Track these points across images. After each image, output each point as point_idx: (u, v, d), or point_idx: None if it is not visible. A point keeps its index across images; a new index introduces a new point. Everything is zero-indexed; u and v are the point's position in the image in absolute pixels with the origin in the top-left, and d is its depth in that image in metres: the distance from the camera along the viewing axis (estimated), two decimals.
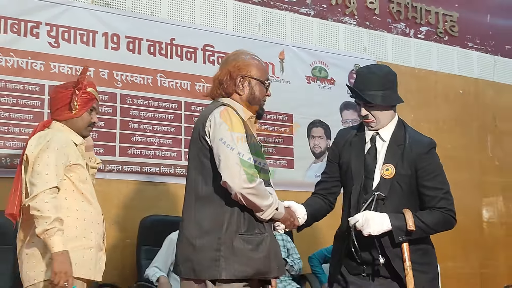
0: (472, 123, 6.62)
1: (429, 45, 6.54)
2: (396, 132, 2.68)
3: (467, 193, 6.38)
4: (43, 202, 2.56)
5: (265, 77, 2.64)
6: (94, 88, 2.99)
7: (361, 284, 2.63)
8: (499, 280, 6.14)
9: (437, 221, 2.57)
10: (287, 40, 5.68)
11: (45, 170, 2.64)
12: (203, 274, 2.39)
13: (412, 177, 2.60)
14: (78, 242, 2.70)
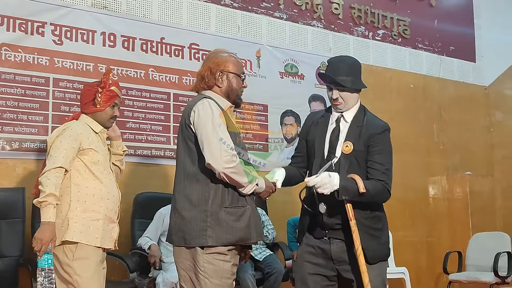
0: (420, 113, 6.59)
1: (385, 46, 6.47)
2: (357, 115, 2.67)
3: (416, 173, 6.40)
4: (46, 178, 2.66)
5: (241, 71, 2.64)
6: (118, 87, 3.07)
7: (323, 247, 2.60)
8: (442, 246, 6.16)
9: (376, 190, 2.51)
10: (263, 40, 5.57)
11: (55, 153, 2.74)
12: (193, 242, 2.40)
13: (366, 153, 2.58)
14: (87, 214, 2.76)
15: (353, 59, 2.77)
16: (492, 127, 7.30)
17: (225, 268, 2.39)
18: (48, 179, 2.67)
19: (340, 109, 2.66)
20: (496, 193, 6.88)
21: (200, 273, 2.36)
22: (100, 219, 2.79)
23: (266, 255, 4.62)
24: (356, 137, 2.59)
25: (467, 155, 6.91)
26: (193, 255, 2.39)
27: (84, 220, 2.76)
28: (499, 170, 7.16)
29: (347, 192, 2.45)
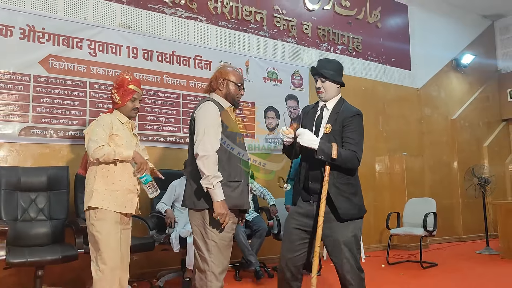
0: (369, 108, 6.57)
1: (343, 58, 6.43)
2: (337, 104, 2.61)
3: (366, 154, 6.29)
4: (96, 153, 2.69)
5: (239, 81, 2.60)
6: (136, 84, 2.94)
7: (308, 209, 2.55)
8: (385, 209, 6.21)
9: (347, 156, 2.44)
10: (250, 53, 5.52)
11: (95, 137, 2.73)
12: (199, 205, 2.41)
13: (341, 132, 2.52)
14: (108, 186, 2.74)
15: (337, 61, 2.69)
16: (422, 119, 7.36)
17: (215, 225, 2.40)
18: (98, 153, 2.69)
19: (322, 98, 2.61)
20: (425, 169, 6.96)
21: (207, 228, 2.37)
22: (119, 191, 2.75)
23: (254, 216, 4.63)
24: (334, 120, 2.55)
25: (404, 140, 6.97)
26: (202, 215, 2.40)
27: (106, 191, 2.74)
28: (427, 151, 7.25)
29: (323, 153, 2.40)
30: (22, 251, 3.28)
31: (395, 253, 5.88)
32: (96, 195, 2.72)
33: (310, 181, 2.54)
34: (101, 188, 2.74)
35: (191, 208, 2.45)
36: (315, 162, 2.49)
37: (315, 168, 2.51)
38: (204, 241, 2.36)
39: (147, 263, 4.34)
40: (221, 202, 2.32)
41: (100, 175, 2.76)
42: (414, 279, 4.52)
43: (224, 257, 2.38)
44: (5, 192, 3.61)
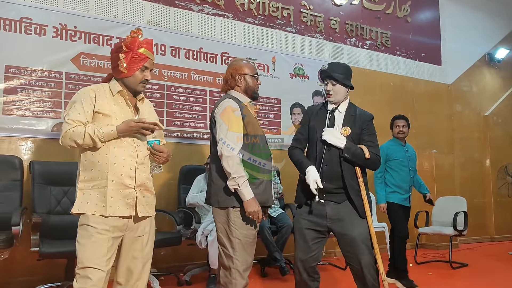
0: (398, 105, 6.47)
1: (371, 53, 6.35)
2: (349, 108, 2.69)
3: None
4: (66, 139, 2.10)
5: (254, 72, 2.60)
6: (148, 48, 2.21)
7: (319, 208, 2.57)
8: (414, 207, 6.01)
9: (374, 159, 2.57)
10: (277, 49, 5.51)
11: (67, 116, 2.14)
12: (225, 203, 2.41)
13: (359, 135, 2.61)
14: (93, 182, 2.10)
15: (346, 64, 2.77)
16: (453, 116, 7.19)
17: (249, 221, 2.41)
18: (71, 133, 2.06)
19: (332, 100, 2.65)
20: (455, 166, 6.80)
21: (231, 225, 2.39)
22: (107, 186, 2.06)
23: (279, 213, 4.64)
24: (352, 123, 2.61)
25: (433, 137, 6.82)
26: (226, 213, 2.41)
27: (91, 189, 2.08)
28: (458, 148, 7.07)
29: (349, 152, 2.50)
30: (55, 243, 3.38)
31: (423, 252, 5.78)
32: (80, 197, 2.09)
33: (325, 181, 2.52)
34: (85, 185, 2.09)
35: (215, 206, 2.46)
36: (331, 162, 2.54)
37: (331, 168, 2.54)
38: (229, 239, 2.38)
39: (174, 258, 4.42)
40: (251, 200, 2.34)
41: (83, 168, 2.11)
42: (443, 279, 4.43)
43: (249, 254, 2.39)
44: (38, 186, 3.73)
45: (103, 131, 2.07)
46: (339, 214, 2.53)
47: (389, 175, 4.33)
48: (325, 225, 2.57)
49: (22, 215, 3.50)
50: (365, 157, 2.50)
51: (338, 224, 2.53)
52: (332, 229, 2.57)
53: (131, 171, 2.13)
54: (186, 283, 4.01)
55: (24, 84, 3.98)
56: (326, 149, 2.55)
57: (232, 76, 2.55)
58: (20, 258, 3.68)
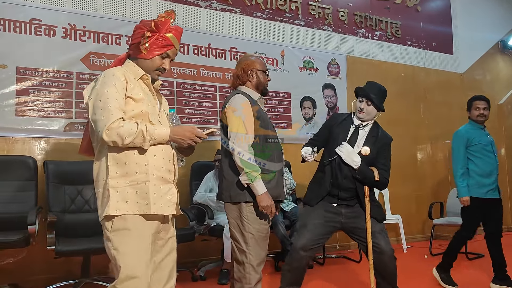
0: (410, 95, 6.45)
1: (381, 44, 6.31)
2: (373, 128, 2.84)
3: (406, 142, 6.31)
4: (113, 135, 1.81)
5: (265, 68, 2.64)
6: (177, 35, 1.97)
7: (333, 207, 2.76)
8: (427, 199, 6.08)
9: (383, 182, 2.76)
10: (286, 42, 5.50)
11: (105, 104, 1.82)
12: (237, 198, 2.44)
13: (375, 155, 2.76)
14: (129, 178, 1.85)
15: (384, 88, 2.87)
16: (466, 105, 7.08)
17: (262, 216, 2.43)
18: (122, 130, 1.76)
19: (362, 118, 2.78)
20: None
21: (244, 220, 2.41)
22: (148, 181, 1.83)
23: (292, 207, 4.66)
24: (373, 144, 2.76)
25: (446, 127, 6.72)
26: (239, 208, 2.43)
27: (127, 186, 1.80)
28: None
29: (362, 174, 2.68)
30: (70, 241, 3.44)
31: (438, 243, 5.75)
32: (115, 196, 1.79)
33: (340, 190, 2.74)
34: (119, 182, 1.81)
35: (227, 202, 2.48)
36: (347, 175, 2.72)
37: (346, 180, 2.73)
38: (242, 234, 2.41)
39: (188, 253, 4.46)
40: (264, 195, 2.36)
41: (114, 162, 1.82)
42: (459, 270, 4.41)
43: (262, 249, 2.41)
44: (52, 185, 3.80)
45: (157, 132, 1.82)
46: (354, 213, 2.75)
47: (473, 164, 3.79)
48: (339, 221, 2.75)
49: (37, 215, 3.57)
50: (374, 179, 2.69)
51: (353, 220, 2.75)
52: (347, 225, 2.76)
53: (170, 164, 1.91)
54: (200, 278, 4.05)
55: (35, 85, 4.04)
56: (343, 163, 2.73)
57: (245, 71, 2.57)
58: (37, 256, 3.75)
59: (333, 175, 2.75)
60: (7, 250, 3.51)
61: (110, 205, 1.78)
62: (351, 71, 5.93)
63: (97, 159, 1.89)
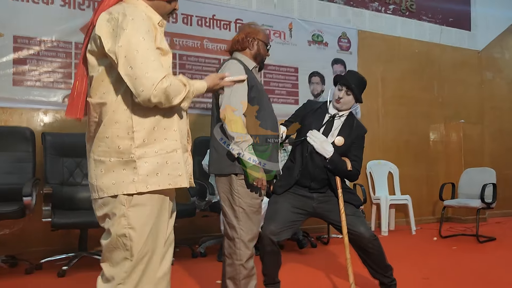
0: (423, 73, 6.25)
1: (395, 19, 6.08)
2: (349, 118, 2.76)
3: (419, 121, 6.15)
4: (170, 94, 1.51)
5: (267, 41, 2.51)
6: None
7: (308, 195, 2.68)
8: (439, 180, 5.91)
9: (353, 173, 2.70)
10: (294, 15, 5.32)
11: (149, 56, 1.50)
12: (227, 170, 2.30)
13: (349, 146, 2.69)
14: (160, 146, 1.55)
15: (363, 77, 2.77)
16: (483, 84, 6.86)
17: (254, 189, 2.30)
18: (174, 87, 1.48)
19: (338, 107, 2.70)
20: (485, 137, 6.54)
21: (235, 194, 2.29)
22: (179, 149, 1.56)
23: None
24: (347, 134, 2.69)
25: (461, 106, 6.54)
26: (229, 181, 2.31)
27: (156, 155, 1.52)
28: (488, 118, 6.78)
29: (334, 164, 2.61)
30: (68, 214, 3.40)
31: (449, 226, 5.61)
32: (143, 168, 1.49)
33: (311, 180, 2.66)
34: (146, 151, 1.50)
35: (217, 174, 2.37)
36: (318, 164, 2.64)
37: (318, 170, 2.65)
38: (232, 208, 2.29)
39: (189, 229, 4.40)
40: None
41: (141, 127, 1.50)
42: (469, 253, 4.28)
43: (254, 224, 2.29)
44: (50, 157, 3.73)
45: (197, 86, 1.59)
46: (327, 196, 2.69)
47: None
48: (311, 206, 2.69)
49: (34, 186, 3.51)
50: (347, 169, 2.64)
51: (326, 205, 2.67)
52: (320, 209, 2.69)
53: (187, 129, 1.70)
54: (200, 255, 3.99)
55: (33, 55, 3.94)
56: (315, 152, 2.64)
57: (246, 38, 2.43)
58: (34, 229, 3.72)
59: (303, 164, 2.66)
60: (3, 222, 3.48)
61: (138, 180, 1.48)
62: (363, 46, 5.73)
63: (108, 122, 1.51)
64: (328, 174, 2.65)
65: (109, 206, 1.53)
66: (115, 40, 1.45)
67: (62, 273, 3.33)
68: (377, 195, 5.43)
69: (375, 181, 5.56)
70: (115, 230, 1.53)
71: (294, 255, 4.08)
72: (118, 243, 1.53)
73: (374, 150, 5.67)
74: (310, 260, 3.87)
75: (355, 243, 2.63)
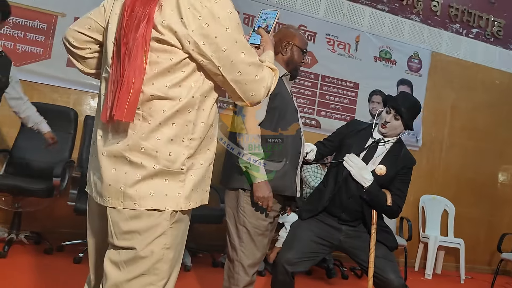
0: (502, 107, 5.64)
1: (477, 44, 5.53)
2: (395, 145, 2.43)
3: (489, 159, 5.57)
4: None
5: (304, 47, 2.27)
6: None
7: (336, 227, 2.38)
8: (501, 227, 5.31)
9: (393, 210, 2.35)
10: (363, 27, 4.99)
11: (251, 52, 1.33)
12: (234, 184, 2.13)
13: (392, 178, 2.38)
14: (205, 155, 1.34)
15: (418, 101, 2.45)
16: None
17: (261, 209, 2.08)
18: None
19: (384, 132, 2.39)
20: None
21: (240, 211, 2.09)
22: (213, 162, 1.37)
23: None
24: (392, 164, 2.37)
25: None
26: (237, 196, 2.11)
27: (200, 168, 1.31)
28: None
29: (371, 195, 2.31)
30: None
31: (505, 280, 5.01)
32: (190, 183, 1.27)
33: (342, 210, 2.37)
34: (194, 163, 1.29)
35: (225, 187, 2.18)
36: (353, 194, 2.34)
37: (352, 199, 2.35)
38: (236, 227, 2.09)
39: (214, 236, 4.23)
40: (262, 183, 2.00)
41: (198, 135, 1.28)
42: None
43: (257, 248, 2.07)
44: (88, 142, 3.75)
45: (272, 59, 1.42)
46: (357, 232, 2.39)
47: None
48: (337, 239, 2.38)
49: (67, 168, 3.53)
50: (386, 204, 2.31)
51: (355, 241, 2.37)
52: (347, 244, 2.38)
53: None
54: (221, 265, 3.82)
55: None
56: (351, 178, 2.34)
57: (280, 41, 2.23)
58: (62, 210, 3.74)
59: (335, 190, 2.37)
60: (32, 198, 3.52)
61: (183, 195, 1.27)
62: (435, 69, 5.28)
63: (164, 121, 1.22)
64: (363, 206, 2.34)
65: (144, 221, 1.22)
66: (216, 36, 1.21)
67: (78, 260, 3.31)
68: (427, 233, 4.97)
69: (426, 218, 5.09)
70: (149, 251, 1.23)
71: (320, 285, 3.79)
72: (151, 268, 1.24)
73: (431, 183, 5.20)
74: None
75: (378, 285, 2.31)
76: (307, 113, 4.73)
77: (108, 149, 1.27)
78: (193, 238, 4.04)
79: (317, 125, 4.73)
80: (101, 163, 1.27)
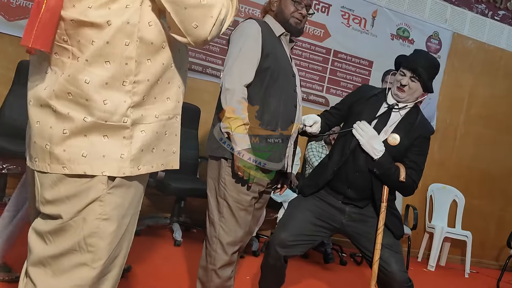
0: None
1: (502, 27, 5.20)
2: (412, 111, 2.15)
3: (505, 150, 5.30)
4: None
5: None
6: None
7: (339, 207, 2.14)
8: None
9: (409, 185, 2.10)
10: (382, 2, 4.68)
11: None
12: (216, 152, 1.90)
13: (407, 148, 2.10)
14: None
15: (436, 59, 2.17)
16: None
17: (244, 182, 1.85)
18: None
19: (401, 98, 2.10)
20: None
21: (221, 183, 1.87)
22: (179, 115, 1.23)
23: None
24: (406, 133, 2.10)
25: None
26: (218, 165, 1.89)
27: (158, 121, 1.12)
28: None
29: (382, 168, 2.04)
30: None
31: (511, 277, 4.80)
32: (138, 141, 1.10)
33: (348, 186, 2.11)
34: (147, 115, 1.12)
35: (209, 155, 1.96)
36: (361, 167, 2.09)
37: (359, 174, 2.09)
38: (216, 199, 1.88)
39: None
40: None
41: (146, 76, 1.09)
42: None
43: (239, 225, 1.86)
44: None
45: None
46: (362, 216, 2.14)
47: None
48: (339, 221, 2.13)
49: None
50: (399, 179, 2.04)
51: (359, 225, 2.13)
52: (349, 228, 2.13)
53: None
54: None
55: None
56: (359, 149, 2.08)
57: (270, 1, 2.01)
58: None
59: (341, 163, 2.10)
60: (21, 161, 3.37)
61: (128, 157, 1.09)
62: (455, 51, 4.98)
63: (93, 57, 0.93)
64: (373, 182, 2.08)
65: (71, 185, 1.02)
66: None
67: None
68: (433, 223, 4.75)
69: (434, 207, 4.87)
70: (80, 219, 1.03)
71: (317, 269, 3.62)
72: (82, 243, 1.03)
73: (441, 172, 4.96)
74: (333, 279, 3.40)
75: (382, 282, 2.08)
76: (316, 89, 4.49)
77: (35, 95, 1.02)
78: (186, 213, 3.89)
79: (325, 103, 4.49)
80: (29, 113, 1.03)
